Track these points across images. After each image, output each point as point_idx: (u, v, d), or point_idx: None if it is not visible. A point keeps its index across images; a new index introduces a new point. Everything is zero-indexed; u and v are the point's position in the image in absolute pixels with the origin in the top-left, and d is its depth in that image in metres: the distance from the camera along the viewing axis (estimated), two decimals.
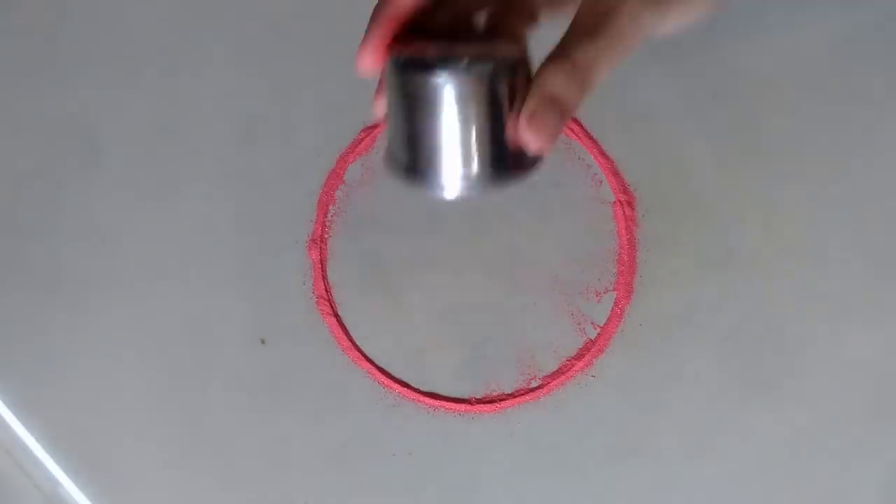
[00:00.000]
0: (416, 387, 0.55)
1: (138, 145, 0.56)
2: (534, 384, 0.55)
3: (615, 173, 0.56)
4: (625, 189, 0.56)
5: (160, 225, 0.56)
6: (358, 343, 0.55)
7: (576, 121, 0.56)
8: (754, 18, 0.56)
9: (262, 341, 0.55)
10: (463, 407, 0.55)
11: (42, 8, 0.58)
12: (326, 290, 0.56)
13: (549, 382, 0.55)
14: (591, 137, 0.56)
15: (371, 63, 0.37)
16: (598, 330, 0.55)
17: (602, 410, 0.55)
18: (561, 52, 0.36)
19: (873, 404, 0.54)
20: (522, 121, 0.36)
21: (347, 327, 0.55)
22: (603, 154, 0.56)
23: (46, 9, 0.58)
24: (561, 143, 0.56)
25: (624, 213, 0.56)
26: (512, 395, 0.55)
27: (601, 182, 0.56)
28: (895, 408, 0.54)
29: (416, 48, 0.36)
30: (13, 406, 0.55)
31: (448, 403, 0.55)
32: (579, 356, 0.55)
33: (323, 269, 0.56)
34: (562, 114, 0.36)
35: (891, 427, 0.54)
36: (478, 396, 0.55)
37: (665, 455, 0.54)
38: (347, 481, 0.55)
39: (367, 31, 0.37)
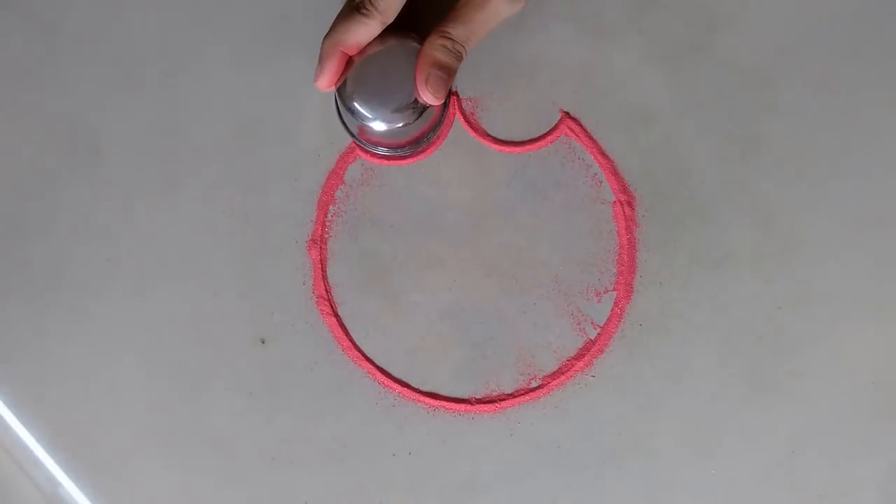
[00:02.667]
0: (416, 387, 0.55)
1: (138, 145, 0.56)
2: (534, 384, 0.55)
3: (615, 173, 0.56)
4: (625, 189, 0.56)
5: (160, 225, 0.56)
6: (358, 343, 0.55)
7: (576, 121, 0.56)
8: (754, 18, 0.56)
9: (262, 341, 0.55)
10: (463, 407, 0.55)
11: (42, 8, 0.58)
12: (326, 290, 0.56)
13: (549, 382, 0.55)
14: (591, 137, 0.56)
15: (330, 88, 0.51)
16: (598, 330, 0.55)
17: (602, 410, 0.55)
18: (443, 31, 0.51)
19: (873, 404, 0.54)
20: (420, 84, 0.51)
21: (347, 327, 0.55)
22: (603, 154, 0.56)
23: (46, 9, 0.58)
24: (561, 144, 0.56)
25: (624, 213, 0.56)
26: (512, 395, 0.55)
27: (601, 182, 0.56)
28: (895, 408, 0.54)
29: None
30: (13, 406, 0.55)
31: (448, 403, 0.55)
32: (579, 356, 0.55)
33: (323, 269, 0.56)
34: (448, 75, 0.51)
35: (891, 427, 0.54)
36: (478, 396, 0.55)
37: (665, 455, 0.54)
38: (347, 481, 0.55)
39: (322, 65, 0.50)
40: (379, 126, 0.51)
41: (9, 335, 0.56)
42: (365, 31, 0.50)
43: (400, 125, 0.51)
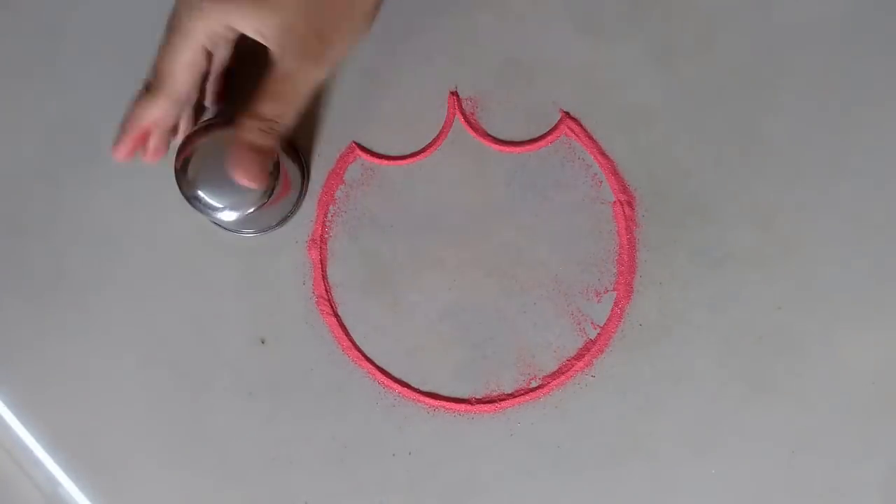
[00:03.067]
0: (416, 387, 0.55)
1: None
2: (534, 384, 0.55)
3: (615, 173, 0.56)
4: (625, 189, 0.56)
5: (160, 225, 0.56)
6: (358, 343, 0.55)
7: (576, 121, 0.56)
8: (754, 18, 0.56)
9: (262, 341, 0.55)
10: (463, 407, 0.55)
11: (42, 8, 0.58)
12: (326, 290, 0.56)
13: (549, 382, 0.55)
14: (591, 137, 0.56)
15: (126, 159, 0.50)
16: (598, 330, 0.55)
17: (602, 410, 0.55)
18: (253, 112, 0.48)
19: (873, 404, 0.54)
20: (233, 168, 0.48)
21: (347, 327, 0.55)
22: (603, 154, 0.56)
23: (46, 9, 0.58)
24: (561, 144, 0.56)
25: (624, 213, 0.56)
26: (512, 395, 0.55)
27: (601, 182, 0.56)
28: (895, 408, 0.54)
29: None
30: (13, 406, 0.55)
31: (448, 403, 0.55)
32: (579, 356, 0.55)
33: (323, 269, 0.56)
34: (263, 157, 0.48)
35: (891, 427, 0.54)
36: (478, 396, 0.55)
37: (665, 455, 0.54)
38: (347, 481, 0.55)
39: (120, 137, 0.50)
40: (229, 216, 0.50)
41: (9, 335, 0.56)
42: (155, 108, 0.49)
43: (252, 210, 0.50)
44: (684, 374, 0.55)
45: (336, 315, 0.55)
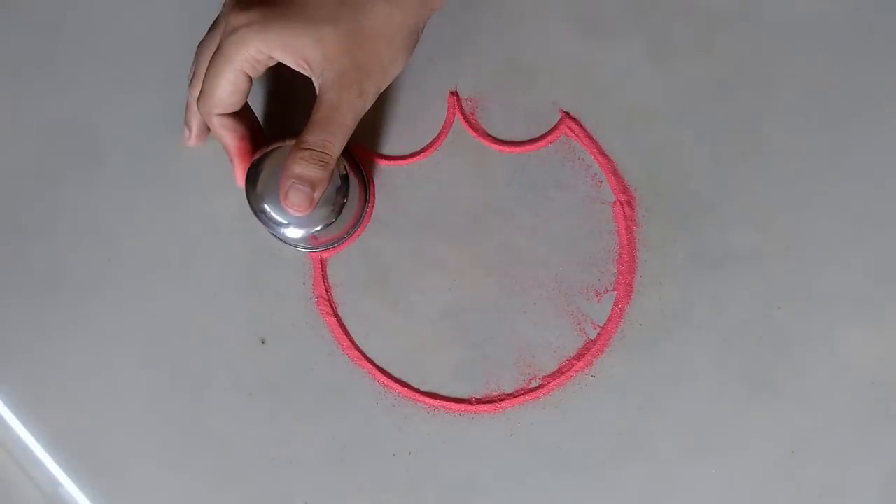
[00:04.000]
0: (416, 387, 0.55)
1: (138, 145, 0.57)
2: (534, 384, 0.55)
3: (615, 173, 0.56)
4: (625, 189, 0.56)
5: (160, 225, 0.56)
6: (358, 343, 0.55)
7: (576, 121, 0.56)
8: (754, 18, 0.56)
9: (262, 341, 0.55)
10: (463, 407, 0.55)
11: (42, 8, 0.58)
12: (326, 290, 0.56)
13: (549, 382, 0.55)
14: (591, 137, 0.56)
15: (195, 142, 0.54)
16: (598, 330, 0.55)
17: (602, 410, 0.55)
18: (299, 142, 0.49)
19: (873, 404, 0.54)
20: (281, 198, 0.49)
21: (347, 327, 0.55)
22: (603, 154, 0.56)
23: (46, 9, 0.58)
24: (561, 144, 0.56)
25: (624, 213, 0.56)
26: (512, 395, 0.55)
27: (601, 182, 0.56)
28: (895, 408, 0.54)
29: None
30: (13, 406, 0.55)
31: (448, 403, 0.55)
32: (579, 356, 0.55)
33: (323, 269, 0.56)
34: (311, 187, 0.49)
35: (891, 427, 0.54)
36: (478, 396, 0.55)
37: (665, 455, 0.54)
38: (347, 481, 0.55)
39: (233, 167, 0.53)
40: (294, 233, 0.51)
41: (9, 335, 0.56)
42: (220, 132, 0.51)
43: (319, 228, 0.51)
44: (684, 374, 0.55)
45: (336, 315, 0.55)
